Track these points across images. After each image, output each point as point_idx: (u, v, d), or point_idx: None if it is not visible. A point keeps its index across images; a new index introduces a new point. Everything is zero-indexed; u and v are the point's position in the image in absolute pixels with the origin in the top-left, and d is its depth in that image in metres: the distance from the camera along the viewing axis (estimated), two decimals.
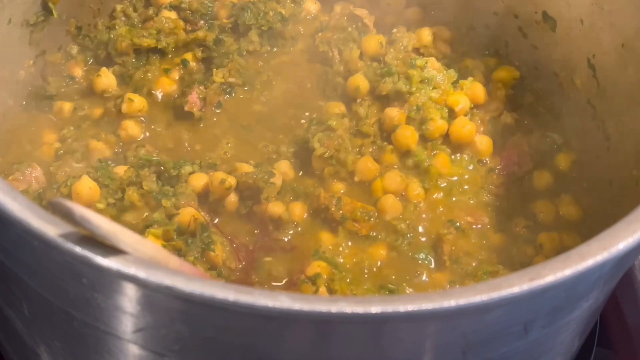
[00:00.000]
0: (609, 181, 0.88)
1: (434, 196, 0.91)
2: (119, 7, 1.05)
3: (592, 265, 0.55)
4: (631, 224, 0.58)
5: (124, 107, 0.95)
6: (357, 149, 0.93)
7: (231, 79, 0.99)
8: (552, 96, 1.00)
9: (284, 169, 0.91)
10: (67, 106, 0.97)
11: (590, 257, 0.55)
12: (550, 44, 0.99)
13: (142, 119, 0.97)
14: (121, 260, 0.52)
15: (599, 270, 0.59)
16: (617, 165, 0.88)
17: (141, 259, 0.52)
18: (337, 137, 0.92)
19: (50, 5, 0.96)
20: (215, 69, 1.00)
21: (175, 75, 1.01)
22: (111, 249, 0.52)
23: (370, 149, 0.94)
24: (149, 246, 0.56)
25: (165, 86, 0.99)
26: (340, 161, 0.91)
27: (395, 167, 0.93)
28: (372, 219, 0.87)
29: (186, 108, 0.96)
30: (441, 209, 0.90)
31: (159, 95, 0.99)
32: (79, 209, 0.51)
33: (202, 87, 0.98)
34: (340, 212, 0.87)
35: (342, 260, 0.85)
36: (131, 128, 0.94)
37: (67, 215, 0.51)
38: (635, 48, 0.86)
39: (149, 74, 1.00)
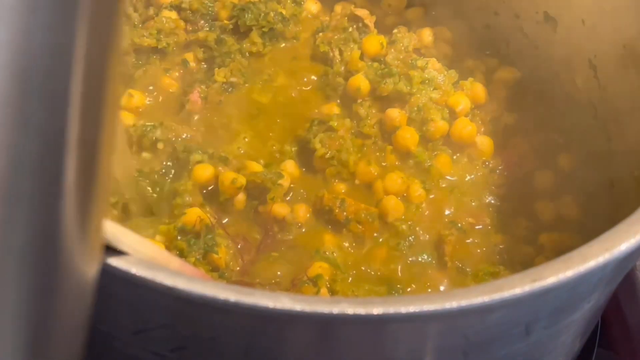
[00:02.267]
0: (610, 182, 0.88)
1: (436, 197, 0.91)
2: None
3: (594, 267, 0.55)
4: (633, 225, 0.58)
5: (122, 101, 0.95)
6: (358, 150, 0.93)
7: (233, 79, 0.99)
8: (553, 97, 0.99)
9: (290, 168, 0.91)
10: None
11: (592, 258, 0.55)
12: (551, 44, 0.99)
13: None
14: (122, 261, 0.52)
15: (601, 272, 0.59)
16: (618, 166, 0.88)
17: (142, 260, 0.52)
18: (338, 137, 0.92)
19: None
20: (217, 69, 0.99)
21: (176, 74, 1.01)
22: (111, 250, 0.52)
23: (372, 150, 0.93)
24: (149, 247, 0.56)
25: (166, 85, 0.99)
26: (341, 162, 0.91)
27: (397, 163, 0.93)
28: (375, 221, 0.87)
29: (187, 107, 0.96)
30: (443, 210, 0.90)
31: (159, 94, 0.99)
32: None
33: (203, 87, 0.98)
34: (344, 214, 0.86)
35: (343, 261, 0.84)
36: (126, 118, 0.94)
37: None
38: (637, 49, 0.86)
39: (149, 73, 1.00)
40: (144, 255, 0.53)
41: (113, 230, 0.52)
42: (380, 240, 0.87)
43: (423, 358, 0.60)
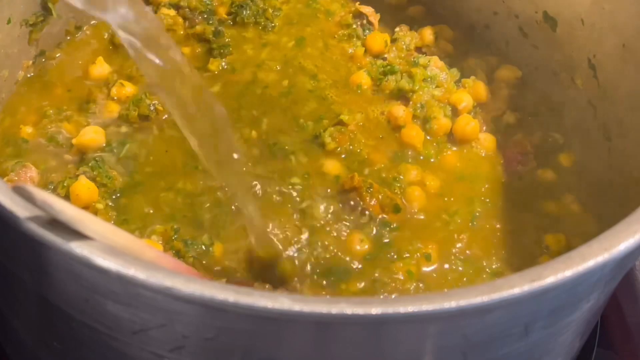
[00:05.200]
0: (610, 182, 0.88)
1: (442, 193, 0.91)
2: None
3: (593, 266, 0.55)
4: (632, 225, 0.58)
5: (114, 91, 0.95)
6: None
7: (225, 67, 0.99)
8: (553, 96, 0.99)
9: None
10: (59, 90, 0.97)
11: (591, 258, 0.55)
12: (551, 44, 0.99)
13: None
14: (120, 261, 0.52)
15: (600, 271, 0.59)
16: (617, 165, 0.88)
17: (140, 261, 0.52)
18: (348, 132, 0.92)
19: (50, 5, 0.96)
20: (212, 59, 0.99)
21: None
22: (110, 250, 0.52)
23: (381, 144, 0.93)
24: (121, 235, 0.56)
25: None
26: (353, 155, 0.91)
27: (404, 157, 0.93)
28: (391, 211, 0.86)
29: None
30: (450, 206, 0.89)
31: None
32: (41, 194, 0.51)
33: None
34: (373, 200, 0.86)
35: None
36: (116, 110, 0.94)
37: (29, 200, 0.51)
38: (636, 48, 0.86)
39: None
40: (114, 242, 0.53)
41: (79, 216, 0.52)
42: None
43: (422, 358, 0.60)
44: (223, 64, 1.00)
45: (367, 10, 1.06)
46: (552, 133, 0.97)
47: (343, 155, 0.91)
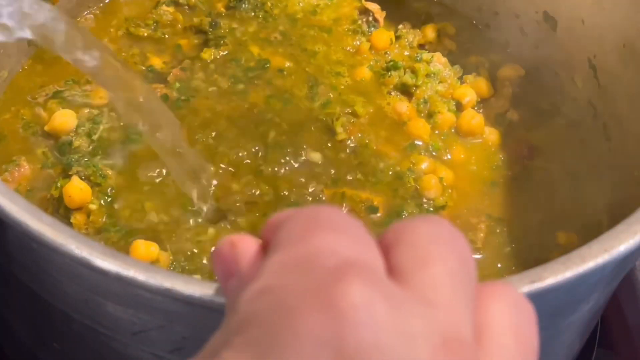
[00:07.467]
0: (610, 182, 0.88)
1: (453, 185, 0.90)
2: None
3: (593, 267, 0.55)
4: (632, 225, 0.58)
5: None
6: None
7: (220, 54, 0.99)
8: (554, 96, 0.99)
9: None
10: (50, 76, 0.96)
11: (591, 259, 0.55)
12: (551, 44, 0.99)
13: None
14: (120, 263, 0.52)
15: (600, 272, 0.59)
16: (618, 166, 0.88)
17: (140, 262, 0.52)
18: (359, 124, 0.92)
19: (50, 5, 0.96)
20: (205, 48, 1.00)
21: (167, 57, 1.01)
22: (110, 252, 0.52)
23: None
24: None
25: (153, 63, 0.99)
26: (363, 145, 0.91)
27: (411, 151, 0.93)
28: (377, 214, 0.86)
29: (169, 78, 0.96)
30: (463, 199, 0.89)
31: (148, 71, 0.98)
32: None
33: (188, 61, 0.98)
34: (348, 209, 0.85)
35: None
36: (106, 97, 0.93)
37: None
38: (636, 48, 0.86)
39: (136, 55, 1.00)
40: None
41: None
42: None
43: None
44: (217, 53, 1.00)
45: (373, 7, 1.06)
46: (555, 132, 0.97)
47: (352, 144, 0.91)
